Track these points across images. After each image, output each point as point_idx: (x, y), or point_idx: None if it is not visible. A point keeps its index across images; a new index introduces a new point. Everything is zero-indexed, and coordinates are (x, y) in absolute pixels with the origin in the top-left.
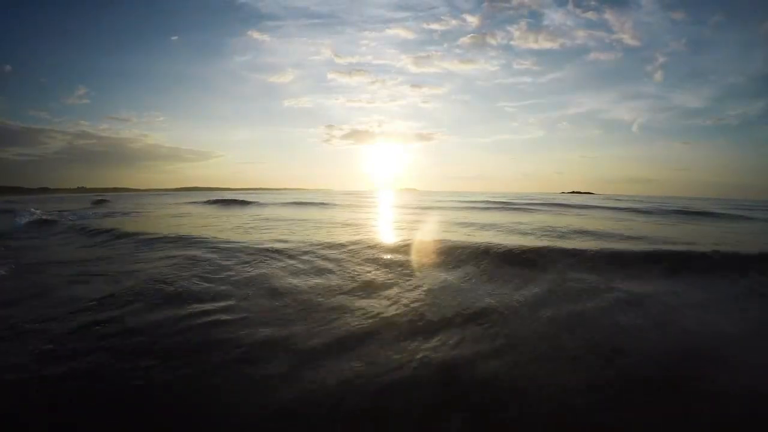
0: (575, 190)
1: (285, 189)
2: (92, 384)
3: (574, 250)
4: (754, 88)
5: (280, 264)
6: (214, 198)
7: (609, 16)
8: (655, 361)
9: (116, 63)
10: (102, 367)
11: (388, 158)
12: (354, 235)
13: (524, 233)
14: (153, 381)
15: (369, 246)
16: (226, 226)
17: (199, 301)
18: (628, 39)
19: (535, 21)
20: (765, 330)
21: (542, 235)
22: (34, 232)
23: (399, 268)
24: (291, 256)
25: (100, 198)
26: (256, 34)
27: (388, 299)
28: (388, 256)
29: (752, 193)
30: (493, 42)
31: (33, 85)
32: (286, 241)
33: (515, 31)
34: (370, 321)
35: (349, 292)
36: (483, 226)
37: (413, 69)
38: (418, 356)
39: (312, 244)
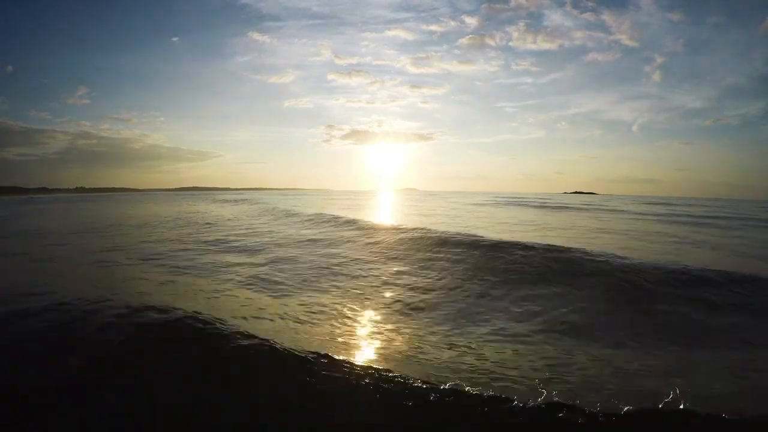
0: (577, 191)
1: (285, 189)
2: None
3: None
4: (754, 88)
5: None
6: None
7: (607, 17)
8: None
9: (117, 64)
10: None
11: (388, 158)
12: None
13: None
14: None
15: None
16: None
17: None
18: (626, 40)
19: (533, 22)
20: None
21: None
22: None
23: None
24: None
25: None
26: (256, 35)
27: None
28: None
29: (753, 193)
30: (492, 43)
31: (34, 86)
32: None
33: (514, 32)
34: None
35: None
36: None
37: (413, 70)
38: None
39: None
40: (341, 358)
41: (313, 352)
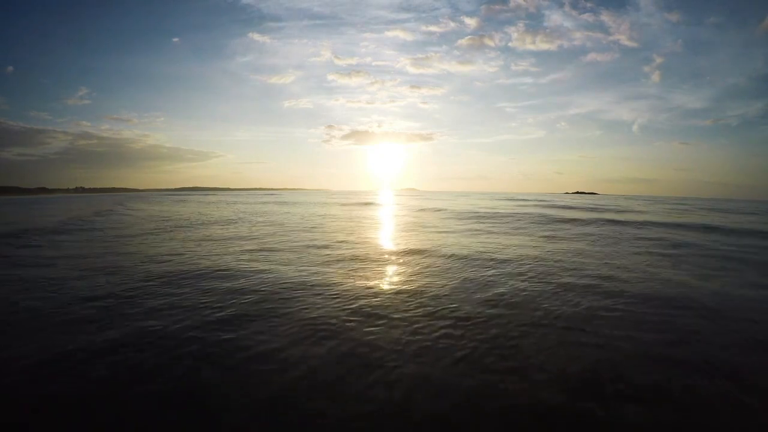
0: (579, 191)
1: (285, 189)
2: None
3: None
4: (753, 89)
5: None
6: None
7: (606, 17)
8: None
9: (118, 64)
10: None
11: (388, 158)
12: None
13: None
14: None
15: None
16: None
17: None
18: (625, 40)
19: (532, 23)
20: None
21: None
22: None
23: None
24: None
25: None
26: (257, 36)
27: None
28: None
29: (752, 193)
30: (491, 43)
31: (34, 86)
32: None
33: (513, 32)
34: None
35: None
36: None
37: (412, 70)
38: None
39: None
40: None
41: None
